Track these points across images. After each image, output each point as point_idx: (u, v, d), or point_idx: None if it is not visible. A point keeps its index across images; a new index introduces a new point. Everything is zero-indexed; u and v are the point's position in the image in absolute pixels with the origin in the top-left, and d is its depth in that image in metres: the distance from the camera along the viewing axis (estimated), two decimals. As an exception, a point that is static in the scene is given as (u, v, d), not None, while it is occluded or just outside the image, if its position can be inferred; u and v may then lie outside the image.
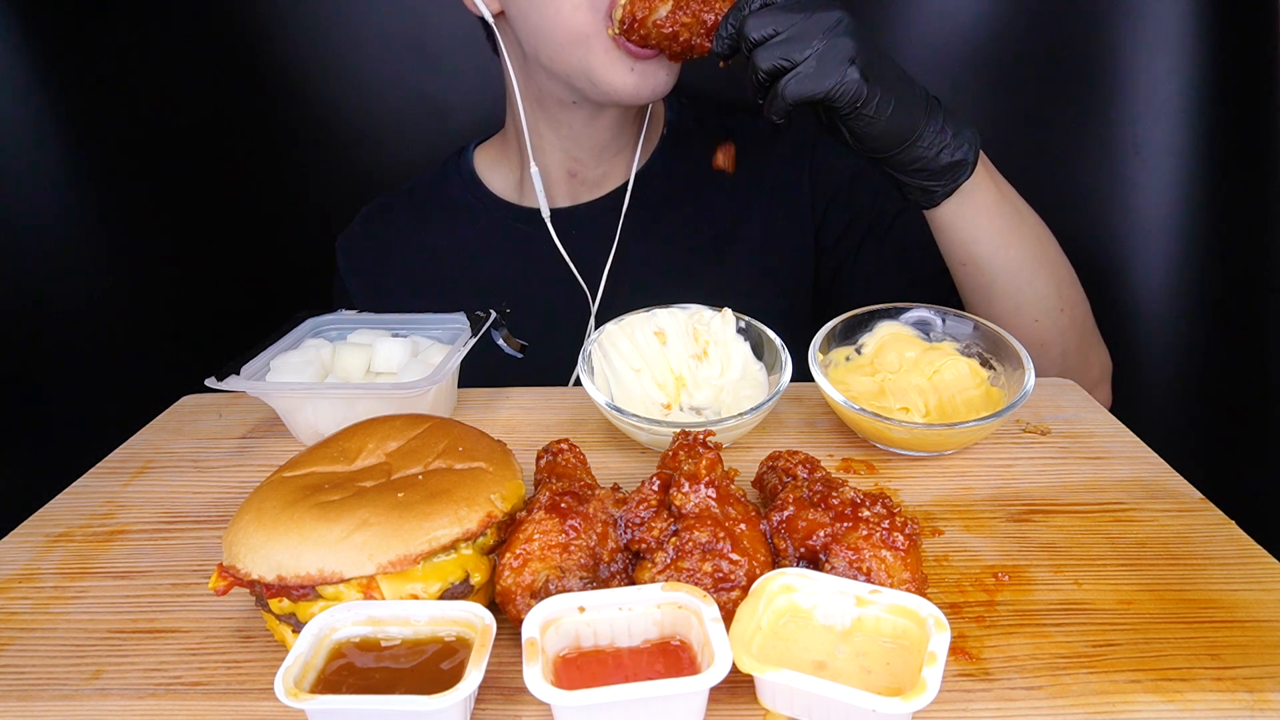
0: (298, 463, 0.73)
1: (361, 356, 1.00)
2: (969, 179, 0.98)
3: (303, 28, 1.58)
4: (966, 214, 1.01)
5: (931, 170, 0.96)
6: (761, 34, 0.89)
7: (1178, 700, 0.58)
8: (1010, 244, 1.03)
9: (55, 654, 0.68)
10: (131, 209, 1.58)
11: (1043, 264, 1.06)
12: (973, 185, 0.99)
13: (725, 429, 0.86)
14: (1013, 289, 1.06)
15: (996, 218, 1.02)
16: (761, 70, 0.89)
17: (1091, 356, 1.15)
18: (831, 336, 0.97)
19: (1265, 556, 0.72)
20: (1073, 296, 1.10)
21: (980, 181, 0.99)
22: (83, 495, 0.90)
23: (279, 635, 0.66)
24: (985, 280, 1.06)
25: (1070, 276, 1.11)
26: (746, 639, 0.57)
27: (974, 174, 0.98)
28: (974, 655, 0.63)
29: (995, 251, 1.03)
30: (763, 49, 0.89)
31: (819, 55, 0.88)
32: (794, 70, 0.88)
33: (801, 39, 0.88)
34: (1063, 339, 1.09)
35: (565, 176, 1.32)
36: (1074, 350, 1.11)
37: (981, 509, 0.80)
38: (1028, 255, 1.05)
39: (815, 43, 0.88)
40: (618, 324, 0.98)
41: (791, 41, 0.88)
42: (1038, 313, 1.07)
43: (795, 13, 0.89)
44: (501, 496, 0.68)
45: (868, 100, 0.89)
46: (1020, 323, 1.07)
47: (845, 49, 0.88)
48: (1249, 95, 1.17)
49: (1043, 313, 1.07)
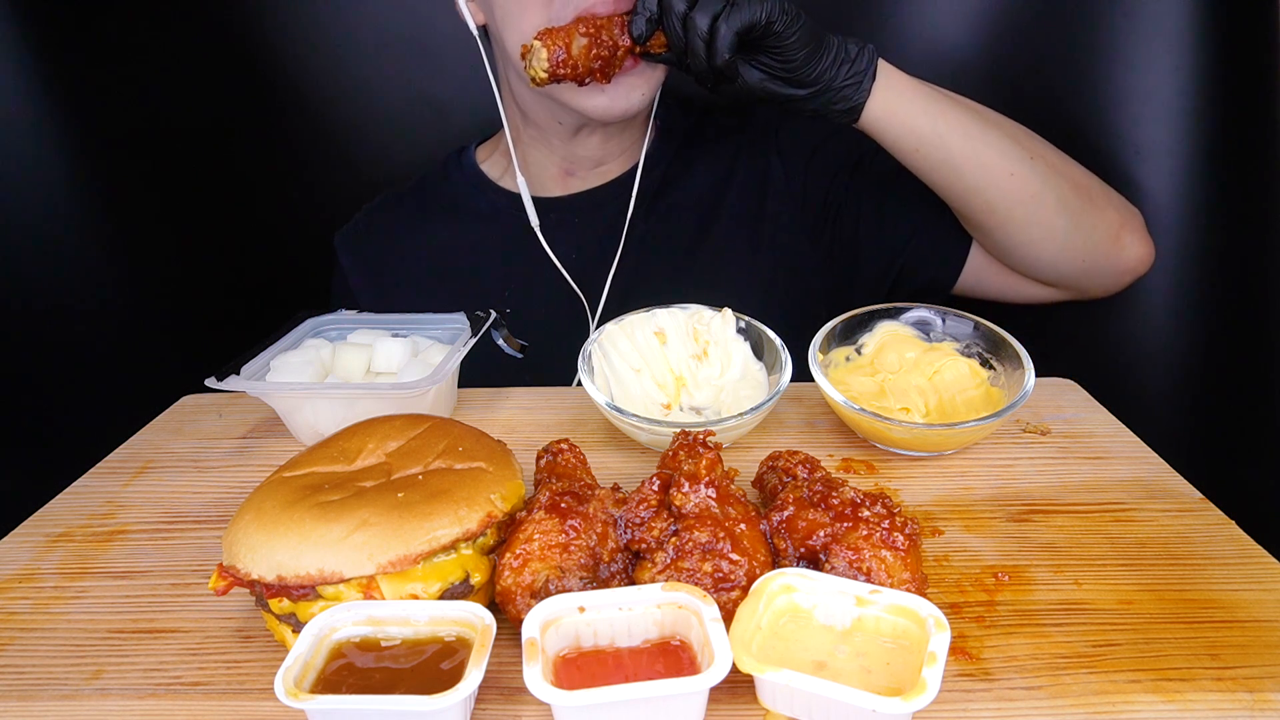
0: (298, 463, 0.73)
1: (361, 356, 1.00)
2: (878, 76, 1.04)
3: (304, 28, 1.58)
4: (892, 102, 1.05)
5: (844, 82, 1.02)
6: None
7: (1178, 700, 0.58)
8: (945, 112, 1.06)
9: (55, 654, 0.68)
10: (132, 209, 1.58)
11: (989, 122, 1.08)
12: (883, 81, 1.04)
13: (725, 429, 0.86)
14: (971, 151, 1.07)
15: (920, 95, 1.06)
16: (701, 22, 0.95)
17: (1098, 201, 1.13)
18: (831, 336, 0.97)
19: (1265, 556, 0.72)
20: (1038, 146, 1.11)
21: (888, 73, 1.04)
22: (83, 495, 0.90)
23: (279, 635, 0.66)
24: (943, 155, 1.08)
25: (1026, 131, 1.12)
26: (746, 639, 0.57)
27: (880, 69, 1.04)
28: (974, 655, 0.63)
29: (935, 121, 1.06)
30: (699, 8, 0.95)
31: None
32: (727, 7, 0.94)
33: None
34: (1051, 186, 1.09)
35: (561, 175, 1.33)
36: (1071, 196, 1.10)
37: (981, 509, 0.80)
38: (969, 118, 1.07)
39: None
40: (618, 324, 0.98)
41: None
42: (1009, 165, 1.07)
43: None
44: (501, 496, 0.68)
45: (794, 18, 0.96)
46: (998, 179, 1.08)
47: None
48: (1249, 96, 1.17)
49: (1014, 164, 1.07)
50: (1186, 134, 1.23)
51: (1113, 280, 1.18)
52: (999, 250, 1.17)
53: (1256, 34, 1.14)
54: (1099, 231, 1.13)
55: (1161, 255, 1.22)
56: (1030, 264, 1.16)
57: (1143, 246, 1.17)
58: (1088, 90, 1.29)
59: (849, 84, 1.02)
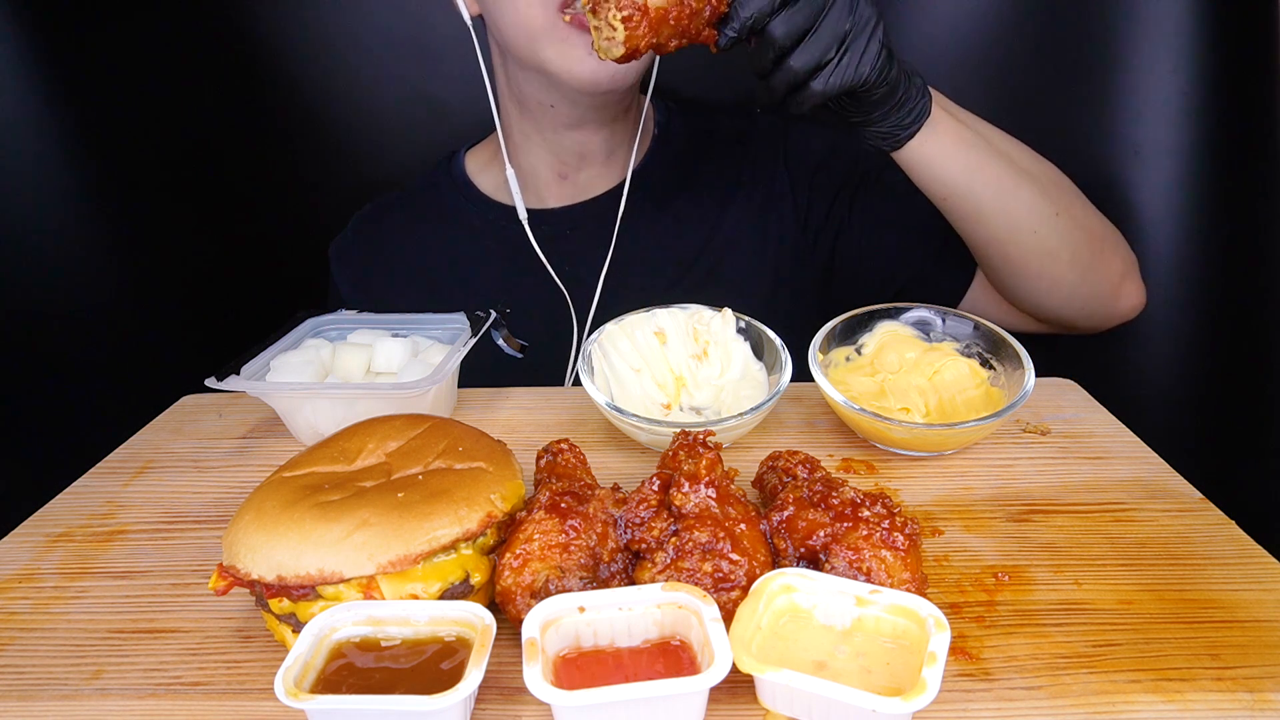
0: (298, 463, 0.73)
1: (361, 356, 1.00)
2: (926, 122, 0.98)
3: (303, 29, 1.58)
4: (931, 149, 1.01)
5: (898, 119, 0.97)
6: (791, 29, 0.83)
7: (1178, 700, 0.58)
8: (983, 165, 1.04)
9: (55, 654, 0.68)
10: (132, 210, 1.58)
11: (1023, 176, 1.06)
12: (929, 128, 0.99)
13: (725, 429, 0.86)
14: (1000, 208, 1.05)
15: (962, 144, 1.02)
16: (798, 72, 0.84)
17: (1108, 252, 1.13)
18: (831, 336, 0.97)
19: (1265, 556, 0.72)
20: (1065, 199, 1.10)
21: (937, 116, 1.00)
22: (83, 495, 0.90)
23: (279, 635, 0.66)
24: (971, 207, 1.06)
25: (1055, 180, 1.11)
26: (746, 639, 0.57)
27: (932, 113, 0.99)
28: (974, 655, 0.63)
29: (971, 176, 1.03)
30: (798, 52, 0.84)
31: (854, 41, 0.84)
32: (831, 64, 0.84)
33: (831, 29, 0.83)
34: (1069, 242, 1.08)
35: (555, 179, 1.32)
36: (1085, 250, 1.10)
37: (981, 509, 0.80)
38: (1004, 172, 1.05)
39: (843, 27, 0.83)
40: (618, 324, 0.98)
41: (823, 32, 0.83)
42: (1034, 223, 1.06)
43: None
44: (501, 496, 0.68)
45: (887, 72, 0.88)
46: (1019, 237, 1.07)
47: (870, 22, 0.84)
48: (1249, 95, 1.17)
49: (1039, 222, 1.06)
50: (1186, 134, 1.23)
51: (1103, 323, 1.19)
52: (1003, 290, 1.17)
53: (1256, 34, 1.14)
54: (1104, 284, 1.13)
55: (1161, 255, 1.22)
56: (1032, 307, 1.17)
57: (1138, 295, 1.18)
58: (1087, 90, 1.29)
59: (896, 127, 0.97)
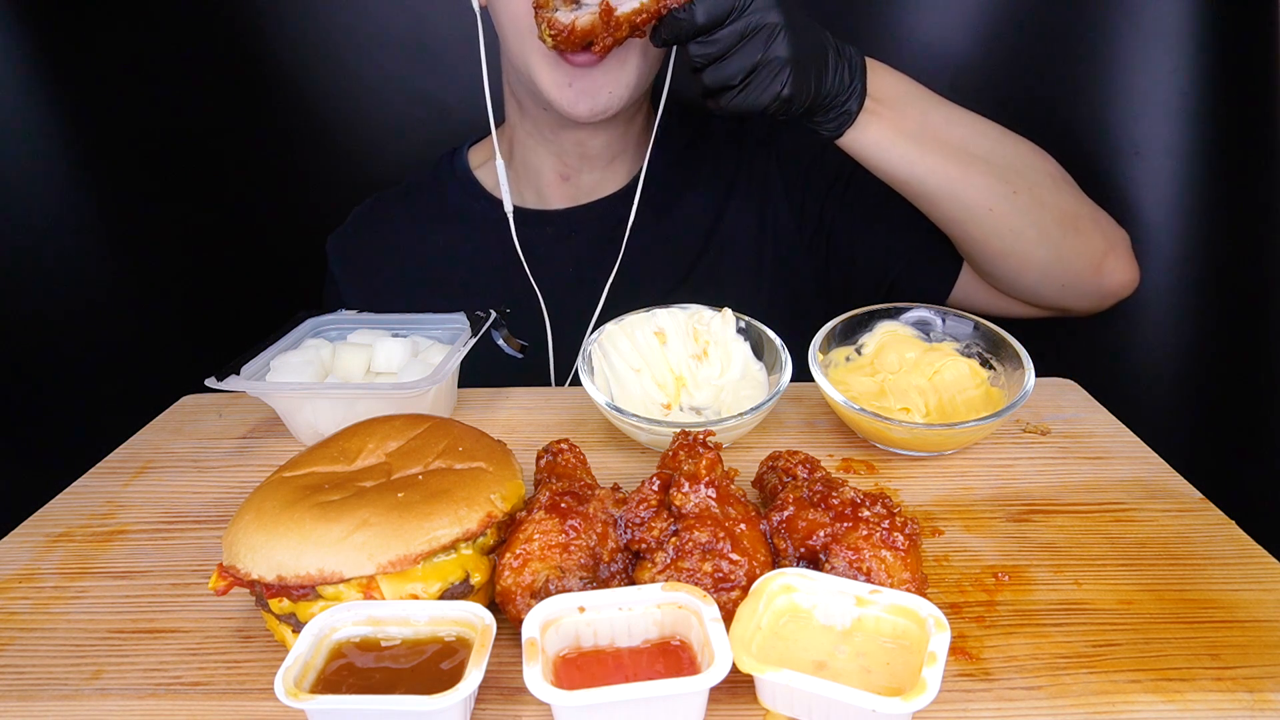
0: (298, 463, 0.73)
1: (361, 356, 1.00)
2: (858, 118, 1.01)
3: (303, 28, 1.58)
4: (867, 140, 1.03)
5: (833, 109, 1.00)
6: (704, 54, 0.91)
7: (1178, 700, 0.58)
8: (924, 154, 1.04)
9: (55, 654, 0.68)
10: (131, 209, 1.58)
11: (973, 161, 1.06)
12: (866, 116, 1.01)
13: (725, 429, 0.86)
14: (948, 191, 1.06)
15: (900, 135, 1.03)
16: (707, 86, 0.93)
17: (1084, 228, 1.12)
18: (831, 336, 0.97)
19: (1265, 556, 0.72)
20: (1031, 178, 1.09)
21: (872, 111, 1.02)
22: (83, 495, 0.90)
23: (279, 635, 0.66)
24: (918, 191, 1.07)
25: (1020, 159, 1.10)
26: (746, 639, 0.57)
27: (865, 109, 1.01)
28: (974, 655, 0.63)
29: (912, 165, 1.04)
30: (708, 71, 0.92)
31: (757, 76, 0.91)
32: (734, 90, 0.92)
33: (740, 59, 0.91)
34: (1032, 220, 1.08)
35: (558, 180, 1.31)
36: (1054, 228, 1.09)
37: (981, 509, 0.80)
38: (950, 158, 1.05)
39: (752, 61, 0.90)
40: (618, 324, 0.98)
41: (730, 63, 0.91)
42: (989, 203, 1.06)
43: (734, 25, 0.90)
44: (501, 496, 0.68)
45: (798, 101, 0.94)
46: (975, 216, 1.07)
47: (778, 64, 0.91)
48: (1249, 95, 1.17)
49: (995, 201, 1.06)
50: (1186, 134, 1.23)
51: (1094, 303, 1.18)
52: (980, 272, 1.18)
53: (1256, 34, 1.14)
54: (1081, 260, 1.12)
55: (1161, 255, 1.22)
56: (1009, 287, 1.16)
57: (1126, 272, 1.16)
58: (1087, 90, 1.29)
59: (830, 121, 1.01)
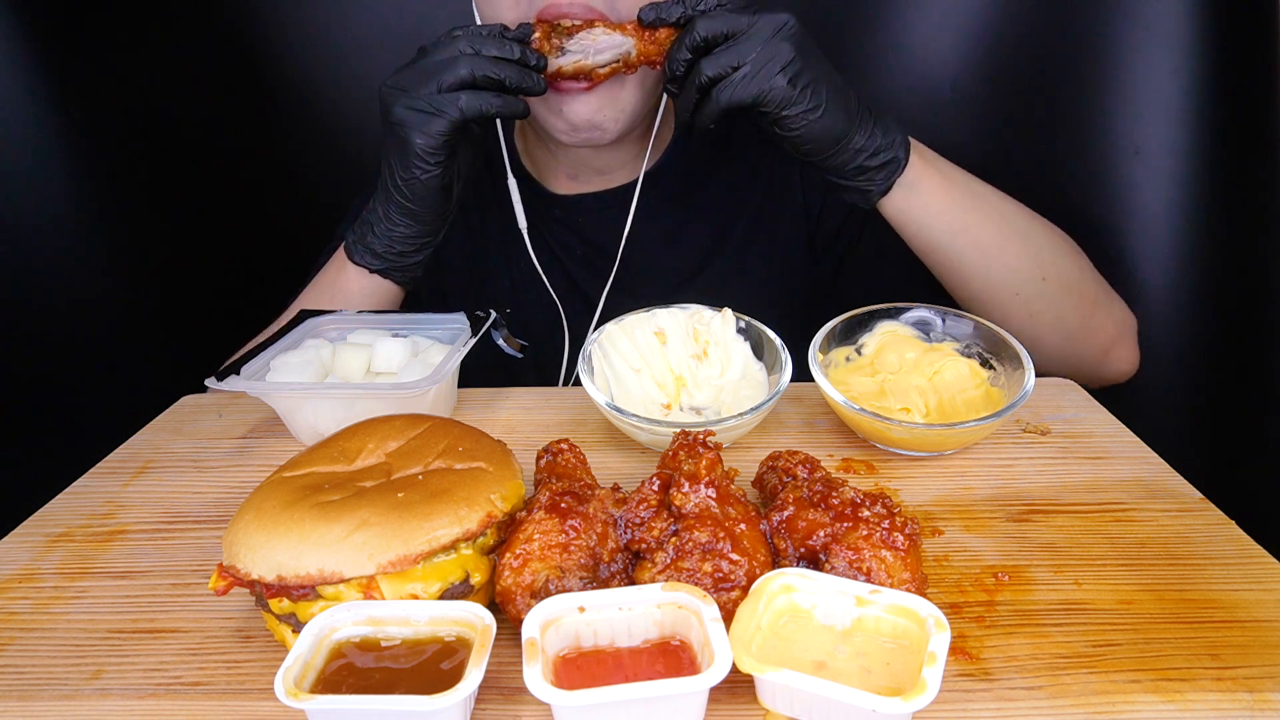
0: (298, 463, 0.73)
1: (361, 356, 1.00)
2: (902, 175, 1.01)
3: (302, 26, 1.58)
4: (911, 207, 1.03)
5: (863, 171, 0.99)
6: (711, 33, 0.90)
7: (1178, 700, 0.58)
8: (967, 227, 1.04)
9: (55, 654, 0.68)
10: (132, 209, 1.58)
11: (1010, 239, 1.06)
12: (910, 180, 1.01)
13: (725, 429, 0.86)
14: (982, 268, 1.06)
15: (945, 205, 1.03)
16: (706, 75, 0.91)
17: (1099, 317, 1.12)
18: (831, 336, 0.97)
19: (1265, 556, 0.72)
20: (1057, 263, 1.09)
21: (919, 175, 1.01)
22: (83, 495, 0.90)
23: (279, 635, 0.66)
24: (953, 265, 1.07)
25: (1051, 243, 1.10)
26: (746, 639, 0.57)
27: (908, 169, 1.01)
28: (974, 655, 0.63)
29: (952, 237, 1.04)
30: (709, 58, 0.91)
31: (755, 62, 0.90)
32: (730, 77, 0.90)
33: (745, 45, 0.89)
34: (1054, 306, 1.08)
35: (564, 179, 1.32)
36: (1072, 316, 1.09)
37: (981, 509, 0.80)
38: (989, 234, 1.05)
39: (756, 48, 0.89)
40: (618, 324, 0.98)
41: (735, 48, 0.90)
42: (1016, 286, 1.06)
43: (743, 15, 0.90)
44: (501, 496, 0.68)
45: (794, 104, 0.92)
46: (999, 298, 1.07)
47: (782, 55, 0.90)
48: (1249, 95, 1.17)
49: (1021, 284, 1.06)
50: (1186, 134, 1.23)
51: (1089, 384, 1.18)
52: None
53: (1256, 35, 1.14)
54: (1090, 348, 1.12)
55: (1161, 255, 1.22)
56: None
57: (1129, 361, 1.16)
58: (1088, 91, 1.30)
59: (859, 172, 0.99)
